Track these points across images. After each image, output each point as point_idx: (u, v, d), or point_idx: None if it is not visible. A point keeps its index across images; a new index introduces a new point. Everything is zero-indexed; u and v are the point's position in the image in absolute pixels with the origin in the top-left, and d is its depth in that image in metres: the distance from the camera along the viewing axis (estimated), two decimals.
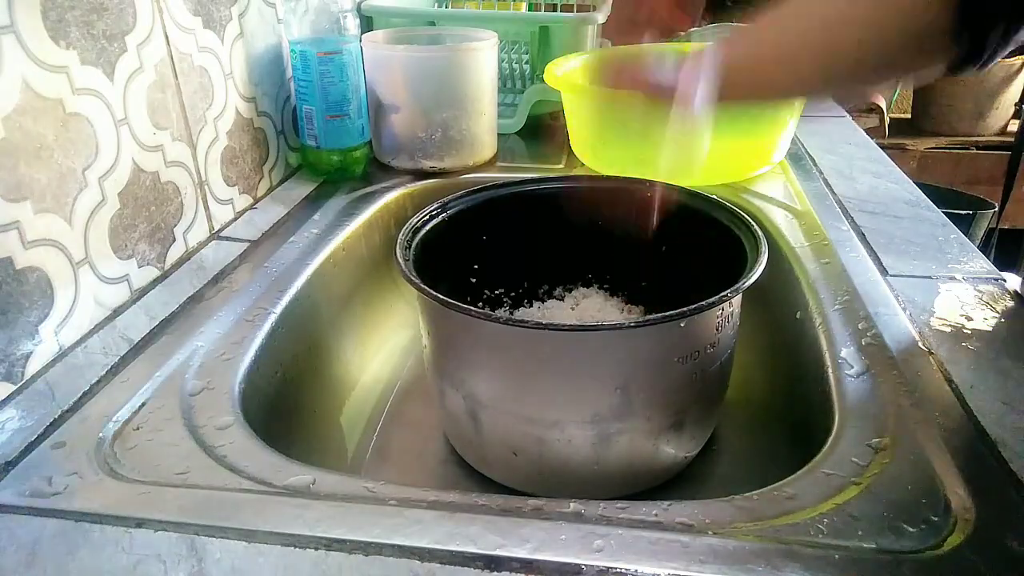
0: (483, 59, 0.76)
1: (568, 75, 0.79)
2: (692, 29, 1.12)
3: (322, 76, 0.71)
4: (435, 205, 0.53)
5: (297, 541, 0.33)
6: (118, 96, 0.51)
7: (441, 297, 0.41)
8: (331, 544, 0.33)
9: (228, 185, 0.66)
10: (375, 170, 0.79)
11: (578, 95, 0.76)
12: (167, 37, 0.56)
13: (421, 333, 0.49)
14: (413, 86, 0.75)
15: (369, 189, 0.75)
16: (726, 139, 0.73)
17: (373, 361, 0.67)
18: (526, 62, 1.00)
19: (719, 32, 0.99)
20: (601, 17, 0.86)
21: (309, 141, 0.75)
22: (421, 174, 0.78)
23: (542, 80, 0.79)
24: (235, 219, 0.67)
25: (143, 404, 0.43)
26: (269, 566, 0.32)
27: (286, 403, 0.52)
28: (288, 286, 0.56)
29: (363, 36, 0.75)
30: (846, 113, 0.99)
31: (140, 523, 0.34)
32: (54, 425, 0.41)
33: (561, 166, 0.82)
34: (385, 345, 0.69)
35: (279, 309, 0.53)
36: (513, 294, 0.62)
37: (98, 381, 0.45)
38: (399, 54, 0.74)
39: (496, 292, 0.61)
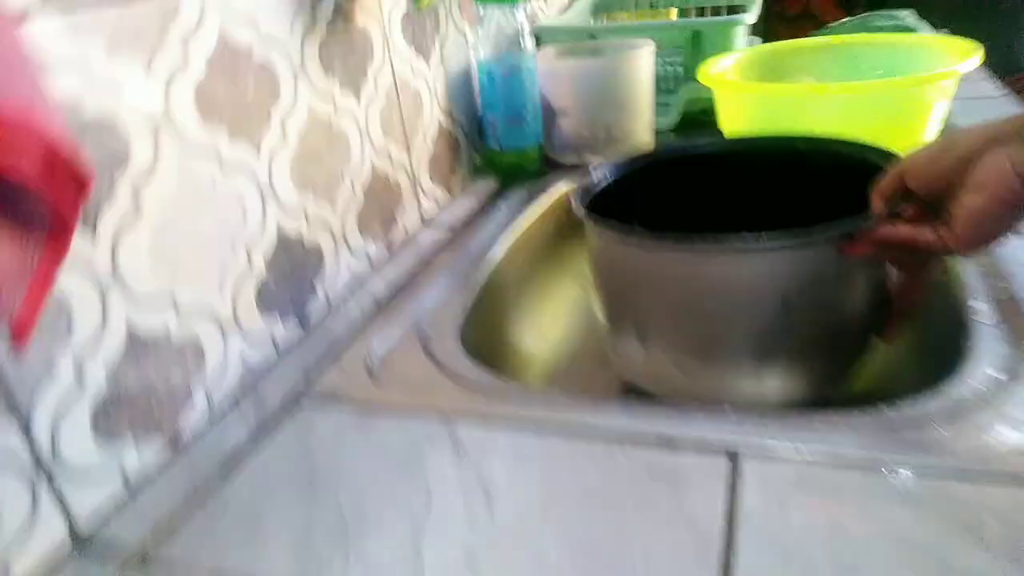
0: (641, 65, 0.86)
1: (720, 73, 0.86)
2: (843, 20, 1.15)
3: (504, 89, 0.84)
4: (602, 171, 0.60)
5: (520, 424, 0.45)
6: (362, 114, 0.67)
7: (616, 223, 0.49)
8: (546, 424, 0.45)
9: (433, 183, 0.81)
10: (547, 167, 0.92)
11: (730, 91, 0.84)
12: (392, 67, 0.72)
13: (590, 280, 0.57)
14: (579, 93, 0.87)
15: (543, 183, 0.87)
16: (872, 122, 0.77)
17: (548, 320, 0.79)
18: (679, 64, 1.09)
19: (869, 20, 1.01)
20: (751, 18, 0.93)
21: (492, 144, 0.88)
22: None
23: (694, 80, 0.87)
24: (439, 211, 0.82)
25: (394, 344, 0.57)
26: (504, 440, 0.44)
27: (490, 344, 0.65)
28: (485, 261, 0.69)
29: (537, 52, 0.87)
30: None
31: (408, 415, 0.48)
32: (337, 355, 0.56)
33: None
34: (557, 310, 0.82)
35: (481, 279, 0.67)
36: None
37: (360, 328, 0.60)
38: (567, 65, 0.86)
39: None
